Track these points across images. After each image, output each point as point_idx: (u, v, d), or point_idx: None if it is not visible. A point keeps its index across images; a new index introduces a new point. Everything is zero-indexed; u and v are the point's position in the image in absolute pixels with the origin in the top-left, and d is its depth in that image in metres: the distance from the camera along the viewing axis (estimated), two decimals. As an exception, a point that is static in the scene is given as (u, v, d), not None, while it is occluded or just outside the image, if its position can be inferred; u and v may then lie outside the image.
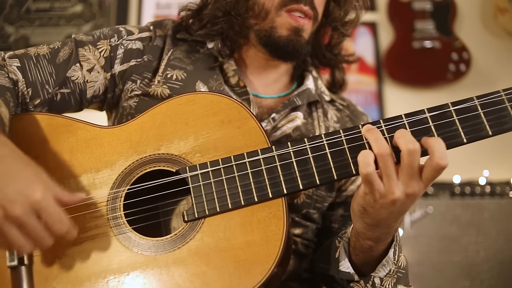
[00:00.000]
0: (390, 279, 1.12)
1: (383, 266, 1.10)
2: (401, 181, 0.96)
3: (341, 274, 1.15)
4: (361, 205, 1.02)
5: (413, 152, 0.94)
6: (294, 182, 1.04)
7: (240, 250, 1.01)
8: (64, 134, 1.14)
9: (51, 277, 1.03)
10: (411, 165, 0.95)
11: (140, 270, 1.02)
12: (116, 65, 1.31)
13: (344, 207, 1.40)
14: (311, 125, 1.37)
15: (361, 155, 0.97)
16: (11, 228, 0.92)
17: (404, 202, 0.98)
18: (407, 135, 0.96)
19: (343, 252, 1.15)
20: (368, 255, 1.11)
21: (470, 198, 2.61)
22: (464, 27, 3.17)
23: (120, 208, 1.07)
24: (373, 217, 1.01)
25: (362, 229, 1.06)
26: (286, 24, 1.29)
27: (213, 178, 1.06)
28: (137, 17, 3.24)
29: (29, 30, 3.24)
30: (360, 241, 1.09)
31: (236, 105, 1.13)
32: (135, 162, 1.10)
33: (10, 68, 1.21)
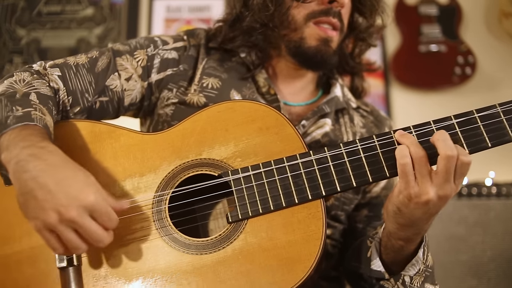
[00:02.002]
0: (419, 278, 1.17)
1: (412, 265, 1.16)
2: (435, 184, 1.02)
3: (372, 273, 1.21)
4: (396, 205, 1.07)
5: (451, 158, 1.00)
6: (332, 185, 1.10)
7: (282, 249, 1.06)
8: (107, 140, 1.19)
9: (99, 278, 1.08)
10: (448, 170, 1.01)
11: (186, 269, 1.07)
12: (153, 74, 1.36)
13: (368, 208, 1.46)
14: (339, 131, 1.43)
15: (398, 149, 1.04)
16: (66, 231, 0.97)
17: (436, 203, 1.04)
18: (447, 139, 1.02)
19: (375, 252, 1.20)
20: (398, 254, 1.16)
21: (477, 199, 2.67)
22: (469, 31, 3.23)
23: (165, 211, 1.12)
24: (407, 217, 1.07)
25: (395, 229, 1.11)
26: (315, 35, 1.34)
27: (254, 181, 1.11)
28: (147, 20, 3.28)
29: (40, 33, 3.28)
30: (391, 241, 1.14)
31: (274, 112, 1.18)
32: (178, 166, 1.15)
33: (52, 77, 1.25)
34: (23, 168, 0.98)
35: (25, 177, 0.97)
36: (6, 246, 1.10)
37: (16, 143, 1.02)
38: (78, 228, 0.97)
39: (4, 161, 1.02)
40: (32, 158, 0.99)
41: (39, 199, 0.96)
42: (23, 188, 0.97)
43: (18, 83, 1.17)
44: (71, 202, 0.95)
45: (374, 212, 1.46)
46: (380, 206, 1.45)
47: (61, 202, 0.95)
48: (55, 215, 0.95)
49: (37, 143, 1.02)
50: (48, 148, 1.02)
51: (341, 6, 1.34)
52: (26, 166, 0.98)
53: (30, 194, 0.97)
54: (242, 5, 1.38)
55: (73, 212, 0.95)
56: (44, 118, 1.09)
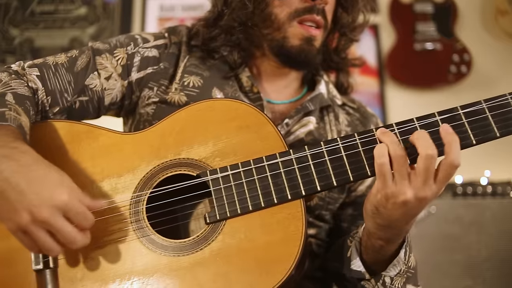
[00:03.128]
0: (400, 279, 1.15)
1: (393, 266, 1.14)
2: (414, 184, 1.00)
3: (352, 273, 1.19)
4: (374, 204, 1.05)
5: (431, 157, 0.98)
6: (312, 184, 1.08)
7: (261, 250, 1.04)
8: (85, 140, 1.17)
9: (76, 280, 1.06)
10: (427, 170, 0.98)
11: (164, 271, 1.05)
12: (133, 73, 1.34)
13: (353, 207, 1.44)
14: (323, 129, 1.41)
15: (377, 148, 1.02)
16: (39, 231, 0.95)
17: (416, 205, 1.01)
18: (426, 138, 1.00)
19: (355, 251, 1.18)
20: (379, 254, 1.14)
21: (472, 198, 2.66)
22: (465, 29, 3.21)
23: (142, 212, 1.10)
24: (384, 217, 1.05)
25: (374, 229, 1.09)
26: (298, 34, 1.32)
27: (233, 181, 1.09)
28: (141, 19, 3.27)
29: (33, 33, 3.27)
30: (371, 241, 1.12)
31: (254, 110, 1.16)
32: (156, 167, 1.13)
33: (30, 77, 1.23)
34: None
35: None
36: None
37: None
38: (51, 228, 0.95)
39: None
40: (4, 159, 0.97)
41: (11, 200, 0.94)
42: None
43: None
44: (43, 202, 0.94)
45: (359, 211, 1.40)
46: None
47: (33, 202, 0.94)
48: (28, 216, 0.93)
49: (9, 144, 1.00)
50: (21, 148, 1.00)
51: (325, 3, 1.32)
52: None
53: (2, 195, 0.95)
54: (223, 3, 1.36)
55: (45, 213, 0.93)
56: (18, 118, 1.07)
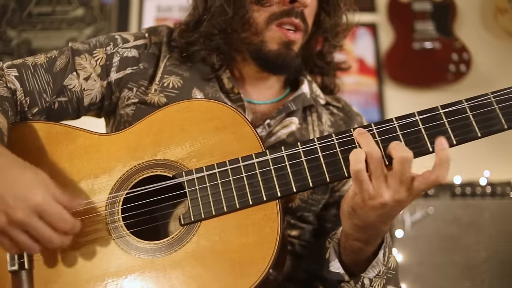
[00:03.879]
0: (379, 280, 1.14)
1: (372, 267, 1.12)
2: (391, 187, 0.98)
3: (331, 275, 1.17)
4: (351, 205, 1.04)
5: (405, 160, 0.96)
6: (287, 185, 1.06)
7: (235, 252, 1.03)
8: (63, 141, 1.16)
9: (51, 281, 1.05)
10: (402, 172, 0.97)
11: (137, 273, 1.04)
12: (112, 73, 1.33)
13: (337, 207, 1.39)
14: (306, 130, 1.38)
15: (353, 153, 1.00)
16: (16, 232, 0.95)
17: (393, 207, 1.00)
18: (400, 144, 0.99)
19: (333, 253, 1.17)
20: (357, 255, 1.13)
21: (471, 199, 2.63)
22: (464, 28, 3.18)
23: (118, 212, 1.09)
24: (361, 218, 1.03)
25: (350, 230, 1.08)
26: (276, 38, 1.29)
27: (208, 182, 1.08)
28: (138, 20, 3.26)
29: (31, 34, 3.27)
30: (349, 242, 1.11)
31: (231, 111, 1.15)
32: (132, 168, 1.13)
33: (8, 78, 1.23)
34: None
35: None
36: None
37: None
38: (27, 229, 0.95)
39: None
40: None
41: None
42: None
43: None
44: (18, 204, 0.94)
45: None
46: None
47: (9, 204, 0.94)
48: (4, 218, 0.94)
49: None
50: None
51: (303, 6, 1.29)
52: None
53: None
54: (203, 8, 1.34)
55: (20, 214, 0.94)
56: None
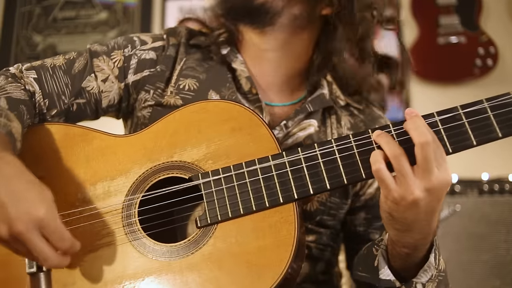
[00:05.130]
0: (432, 284, 1.10)
1: (424, 272, 1.08)
2: (419, 179, 0.95)
3: (382, 283, 1.13)
4: (386, 211, 1.01)
5: (425, 145, 0.93)
6: (304, 187, 1.05)
7: (252, 254, 1.02)
8: (80, 143, 1.17)
9: (69, 284, 1.06)
10: (426, 159, 0.94)
11: (154, 275, 1.04)
12: (129, 75, 1.33)
13: (366, 210, 1.39)
14: (324, 133, 1.36)
15: (373, 155, 0.99)
16: (17, 244, 0.94)
17: (428, 199, 0.96)
18: (419, 126, 0.95)
19: (382, 260, 1.13)
20: (406, 261, 1.09)
21: (499, 196, 2.57)
22: (490, 21, 3.12)
23: (134, 215, 1.09)
24: (401, 222, 1.00)
25: (395, 236, 1.05)
26: None
27: (225, 184, 1.07)
28: (160, 22, 3.29)
29: (56, 39, 3.33)
30: (396, 249, 1.08)
31: (248, 112, 1.14)
32: (149, 169, 1.12)
33: (27, 80, 1.24)
34: None
35: None
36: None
37: None
38: (26, 243, 0.93)
39: None
40: None
41: None
42: None
43: None
44: (20, 216, 0.92)
45: (373, 213, 1.39)
46: (377, 206, 1.34)
47: (11, 215, 0.92)
48: (5, 228, 0.92)
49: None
50: (5, 158, 0.99)
51: None
52: None
53: None
54: None
55: (20, 226, 0.92)
56: (9, 125, 1.07)
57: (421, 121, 0.97)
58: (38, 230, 0.93)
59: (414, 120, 0.97)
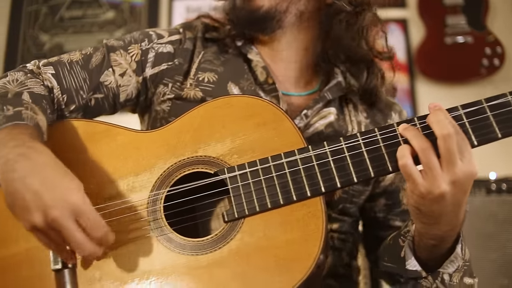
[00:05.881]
0: (458, 274, 1.11)
1: (451, 262, 1.09)
2: (445, 172, 0.96)
3: (408, 273, 1.15)
4: (413, 205, 1.02)
5: (448, 137, 0.94)
6: (332, 181, 1.05)
7: (280, 248, 1.02)
8: (103, 139, 1.16)
9: (94, 280, 1.05)
10: (449, 151, 0.94)
11: (182, 270, 1.03)
12: (147, 69, 1.33)
13: (385, 196, 1.41)
14: (343, 121, 1.37)
15: (400, 149, 0.99)
16: (51, 232, 0.94)
17: (454, 192, 0.97)
18: (440, 120, 0.96)
19: (409, 251, 1.14)
20: (432, 252, 1.11)
21: (507, 195, 2.57)
22: (497, 21, 3.13)
23: (160, 210, 1.09)
24: (428, 215, 1.01)
25: (423, 229, 1.06)
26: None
27: (251, 179, 1.07)
28: (167, 21, 3.29)
29: (63, 38, 3.33)
30: (423, 241, 1.09)
31: (271, 106, 1.14)
32: (173, 165, 1.12)
33: (45, 76, 1.24)
34: (11, 168, 0.96)
35: (12, 177, 0.95)
36: (2, 248, 1.09)
37: (6, 143, 0.99)
38: (60, 230, 0.93)
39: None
40: (20, 157, 0.97)
41: (26, 199, 0.93)
42: (10, 187, 0.95)
43: (11, 83, 1.15)
44: (56, 203, 0.92)
45: (393, 200, 1.41)
46: (397, 192, 1.41)
47: (47, 202, 0.92)
48: (40, 216, 0.92)
49: (26, 143, 0.99)
50: (37, 148, 0.99)
51: None
52: (14, 166, 0.96)
53: (17, 194, 0.94)
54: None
55: (56, 212, 0.92)
56: (35, 117, 1.07)
57: (442, 114, 0.97)
58: (73, 217, 0.93)
59: (436, 113, 0.98)
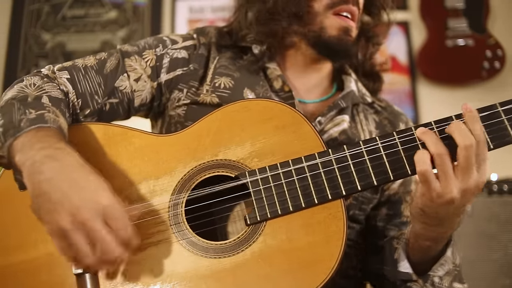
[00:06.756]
0: (448, 277, 1.14)
1: (441, 265, 1.12)
2: (459, 180, 0.99)
3: (400, 275, 1.18)
4: (419, 207, 1.04)
5: (470, 148, 0.97)
6: (352, 184, 1.07)
7: (303, 251, 1.04)
8: (121, 142, 1.16)
9: (117, 284, 1.05)
10: (468, 161, 0.98)
11: (205, 273, 1.04)
12: (162, 74, 1.34)
13: (388, 206, 1.42)
14: (355, 129, 1.39)
15: (418, 154, 1.01)
16: (77, 234, 0.92)
17: (461, 200, 1.00)
18: (462, 129, 0.99)
19: (402, 253, 1.17)
20: (425, 254, 1.13)
21: (508, 196, 2.60)
22: (497, 24, 3.16)
23: (182, 214, 1.09)
24: (432, 217, 1.04)
25: (422, 230, 1.08)
26: (335, 24, 1.32)
27: (272, 182, 1.08)
28: (170, 21, 3.29)
29: (65, 37, 3.32)
30: (419, 242, 1.11)
31: (290, 110, 1.15)
32: (193, 168, 1.13)
33: (61, 81, 1.24)
34: (38, 169, 0.96)
35: (39, 178, 0.95)
36: (21, 252, 1.08)
37: (32, 145, 1.00)
38: (89, 232, 0.92)
39: (19, 163, 1.00)
40: (47, 159, 0.97)
41: (53, 201, 0.93)
42: (37, 190, 0.95)
43: (29, 87, 1.16)
44: (84, 204, 0.92)
45: (394, 210, 1.42)
46: (399, 203, 1.42)
47: (75, 204, 0.92)
48: (68, 218, 0.92)
49: (53, 144, 1.00)
50: (65, 150, 1.00)
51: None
52: (41, 168, 0.96)
53: (44, 196, 0.94)
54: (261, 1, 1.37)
55: (85, 214, 0.91)
56: (57, 120, 1.08)
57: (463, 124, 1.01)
58: (102, 218, 0.93)
59: (457, 123, 1.01)
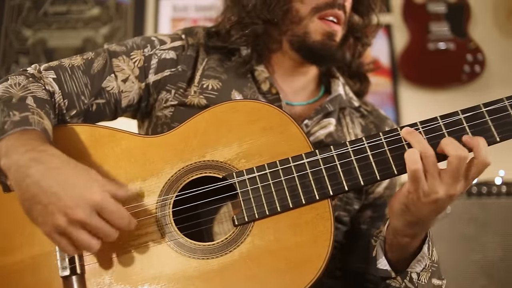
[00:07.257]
0: (425, 274, 1.15)
1: (418, 262, 1.14)
2: (445, 183, 1.01)
3: (378, 272, 1.19)
4: (404, 203, 1.06)
5: (463, 158, 0.99)
6: (339, 184, 1.08)
7: (290, 251, 1.04)
8: (108, 144, 1.15)
9: (103, 285, 1.05)
10: (459, 170, 0.99)
11: (193, 274, 1.04)
12: (150, 75, 1.33)
13: (372, 209, 1.44)
14: (341, 132, 1.40)
15: (409, 153, 1.02)
16: (77, 231, 0.95)
17: (445, 201, 1.03)
18: (454, 142, 1.01)
19: (380, 251, 1.18)
20: (403, 251, 1.15)
21: (487, 198, 2.64)
22: (478, 29, 3.20)
23: (169, 215, 1.09)
24: (414, 215, 1.06)
25: (401, 226, 1.10)
26: (319, 29, 1.32)
27: (260, 183, 1.09)
28: (154, 19, 3.27)
29: (46, 33, 3.28)
30: (397, 239, 1.13)
31: (277, 111, 1.15)
32: (181, 169, 1.13)
33: (47, 80, 1.22)
34: (25, 173, 0.96)
35: (27, 182, 0.96)
36: (5, 256, 1.08)
37: (16, 148, 1.00)
38: (88, 228, 0.95)
39: (4, 168, 1.00)
40: (33, 162, 0.97)
41: (44, 203, 0.94)
42: (26, 193, 0.96)
43: (14, 87, 1.14)
44: (77, 203, 0.94)
45: (378, 213, 1.44)
46: (384, 206, 1.44)
47: (67, 203, 0.94)
48: (63, 218, 0.94)
49: (37, 147, 1.00)
50: (49, 151, 1.00)
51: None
52: (28, 171, 0.96)
53: (34, 199, 0.95)
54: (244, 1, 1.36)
55: (80, 213, 0.94)
56: (42, 122, 1.07)
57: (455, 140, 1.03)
58: (96, 213, 0.95)
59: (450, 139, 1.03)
